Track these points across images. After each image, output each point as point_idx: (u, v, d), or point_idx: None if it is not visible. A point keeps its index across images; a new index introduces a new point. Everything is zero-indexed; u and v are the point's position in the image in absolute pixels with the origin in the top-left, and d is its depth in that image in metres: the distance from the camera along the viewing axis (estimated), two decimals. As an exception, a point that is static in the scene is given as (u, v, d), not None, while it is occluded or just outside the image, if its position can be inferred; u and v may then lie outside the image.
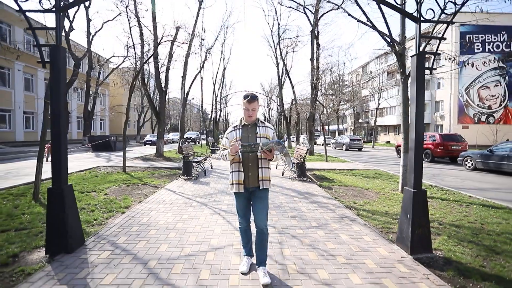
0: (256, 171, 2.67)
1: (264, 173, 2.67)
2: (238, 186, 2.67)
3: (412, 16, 3.25)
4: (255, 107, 2.67)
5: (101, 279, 2.60)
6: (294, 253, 3.26)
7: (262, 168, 2.67)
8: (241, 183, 2.67)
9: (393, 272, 2.85)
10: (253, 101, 2.65)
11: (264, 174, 2.67)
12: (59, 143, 3.15)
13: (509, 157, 10.23)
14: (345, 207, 5.39)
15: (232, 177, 2.72)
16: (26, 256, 3.09)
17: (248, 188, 2.70)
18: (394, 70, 41.73)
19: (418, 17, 3.23)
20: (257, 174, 2.66)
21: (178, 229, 3.97)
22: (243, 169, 2.68)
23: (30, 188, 6.41)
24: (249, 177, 2.67)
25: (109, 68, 30.58)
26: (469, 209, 5.46)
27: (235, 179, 2.69)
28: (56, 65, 3.06)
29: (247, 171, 2.68)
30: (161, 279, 2.63)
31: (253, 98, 2.65)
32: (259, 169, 2.67)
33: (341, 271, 2.86)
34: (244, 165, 2.68)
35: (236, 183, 2.68)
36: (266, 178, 2.68)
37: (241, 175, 2.67)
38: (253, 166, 2.67)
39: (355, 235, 3.88)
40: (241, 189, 2.67)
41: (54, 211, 3.08)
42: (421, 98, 3.28)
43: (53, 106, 3.11)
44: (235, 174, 2.69)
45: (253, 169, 2.67)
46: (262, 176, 2.66)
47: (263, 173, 2.66)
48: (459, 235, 3.99)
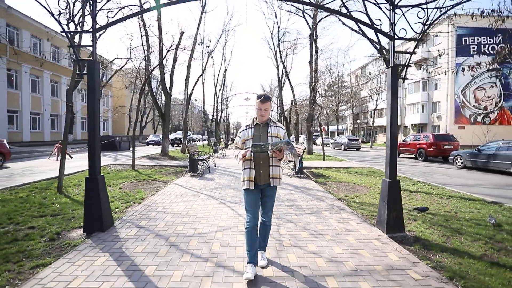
0: (267, 169, 2.77)
1: (275, 171, 2.78)
2: (249, 183, 2.76)
3: (387, 35, 3.90)
4: (268, 107, 2.77)
5: (133, 249, 3.25)
6: (289, 232, 3.90)
7: (273, 166, 2.78)
8: (252, 180, 2.76)
9: (369, 246, 3.49)
10: (266, 101, 2.75)
11: (275, 172, 2.78)
12: (94, 141, 3.80)
13: (495, 156, 10.86)
14: (336, 199, 6.03)
15: (244, 174, 2.81)
16: (66, 234, 3.74)
17: (259, 185, 2.79)
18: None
19: (392, 36, 3.88)
20: (268, 172, 2.77)
21: (190, 215, 4.62)
22: (255, 166, 2.77)
23: (51, 183, 7.05)
24: (260, 175, 2.77)
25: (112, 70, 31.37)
26: (448, 201, 6.08)
27: (247, 176, 2.78)
28: (92, 76, 3.71)
29: (258, 169, 2.77)
30: (181, 249, 3.27)
31: (266, 98, 2.75)
32: (269, 167, 2.77)
33: (327, 245, 3.50)
34: (256, 163, 2.77)
35: (248, 180, 2.77)
36: (277, 176, 2.79)
37: (252, 172, 2.76)
38: (264, 164, 2.77)
39: (342, 220, 4.52)
40: (251, 185, 2.76)
41: (91, 196, 3.73)
42: (395, 103, 3.93)
43: (90, 110, 3.76)
44: (247, 171, 2.78)
45: (264, 167, 2.77)
46: (272, 174, 2.77)
47: (274, 171, 2.78)
48: (433, 220, 4.63)
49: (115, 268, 2.80)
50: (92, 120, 3.79)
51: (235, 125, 69.79)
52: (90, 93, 3.75)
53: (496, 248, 3.52)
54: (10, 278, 2.61)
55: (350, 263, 3.01)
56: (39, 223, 4.08)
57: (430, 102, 34.47)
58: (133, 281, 2.58)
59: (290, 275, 2.73)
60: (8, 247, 3.27)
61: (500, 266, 3.03)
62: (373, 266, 2.97)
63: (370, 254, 3.25)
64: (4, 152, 11.08)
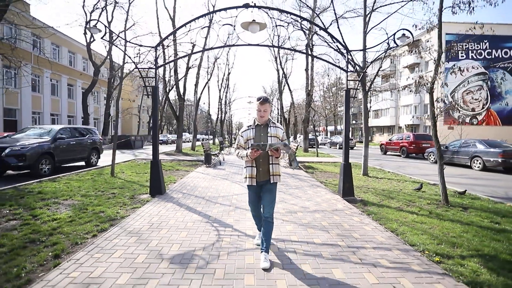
0: (267, 166, 2.94)
1: (275, 168, 2.95)
2: (251, 179, 2.95)
3: (343, 69, 6.03)
4: (267, 108, 2.91)
5: (184, 202, 5.41)
6: (279, 196, 6.02)
7: (273, 164, 2.95)
8: (254, 177, 2.94)
9: (327, 202, 5.63)
10: (265, 103, 2.89)
11: (275, 169, 2.95)
12: (156, 138, 5.97)
13: (458, 152, 12.95)
14: (317, 181, 8.17)
15: (246, 171, 3.00)
16: (138, 196, 5.89)
17: (259, 182, 2.98)
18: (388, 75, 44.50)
19: (346, 69, 6.01)
20: (268, 169, 2.95)
21: (213, 188, 6.78)
22: (256, 164, 2.95)
23: (100, 171, 9.20)
24: (260, 172, 2.95)
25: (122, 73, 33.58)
26: (402, 184, 8.18)
27: (248, 174, 2.97)
28: (155, 97, 5.88)
29: (259, 166, 2.94)
30: (213, 202, 5.43)
31: (265, 100, 2.90)
32: (270, 165, 2.94)
33: (302, 202, 5.63)
34: (256, 160, 2.94)
35: (249, 177, 2.96)
36: (276, 173, 2.96)
37: (254, 170, 2.94)
38: (264, 162, 2.94)
39: (316, 191, 6.67)
40: (253, 182, 2.95)
41: (154, 172, 5.89)
42: (348, 114, 6.07)
43: (154, 118, 5.92)
44: (248, 169, 2.97)
45: (264, 164, 2.94)
46: (272, 171, 2.94)
47: (274, 168, 2.95)
48: (379, 192, 6.75)
49: (178, 208, 4.97)
50: (154, 124, 5.96)
51: (238, 125, 72.06)
52: (154, 107, 5.91)
53: (407, 204, 5.64)
54: (119, 210, 4.76)
55: (312, 208, 5.16)
56: (115, 191, 6.24)
57: (422, 104, 36.52)
58: (192, 213, 4.74)
59: (277, 211, 4.88)
60: (110, 200, 5.43)
61: (402, 211, 5.14)
62: (325, 209, 5.11)
63: (326, 205, 5.39)
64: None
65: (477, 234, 3.96)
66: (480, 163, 11.74)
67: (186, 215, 4.59)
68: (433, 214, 4.97)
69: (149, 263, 2.89)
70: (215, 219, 4.46)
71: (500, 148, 11.33)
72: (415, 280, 2.66)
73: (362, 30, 9.50)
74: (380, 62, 10.04)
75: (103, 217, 4.38)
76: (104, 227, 3.96)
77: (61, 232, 3.74)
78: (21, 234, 3.63)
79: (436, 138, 5.90)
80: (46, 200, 5.32)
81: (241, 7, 5.76)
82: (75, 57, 31.57)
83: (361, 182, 8.21)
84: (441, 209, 5.33)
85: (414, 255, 3.23)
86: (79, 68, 32.04)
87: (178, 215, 4.60)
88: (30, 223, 4.03)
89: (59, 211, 4.70)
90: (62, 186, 6.61)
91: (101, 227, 3.96)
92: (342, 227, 4.14)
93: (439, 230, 4.09)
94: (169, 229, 3.92)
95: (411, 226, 4.24)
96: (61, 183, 6.91)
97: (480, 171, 11.67)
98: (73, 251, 3.19)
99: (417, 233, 3.94)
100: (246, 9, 5.74)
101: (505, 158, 10.81)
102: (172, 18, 16.62)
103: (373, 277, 2.70)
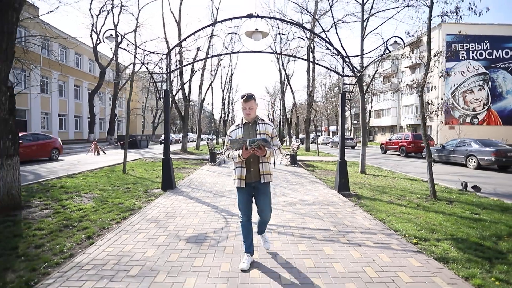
0: (257, 166, 2.81)
1: (265, 167, 2.82)
2: (240, 181, 2.81)
3: (339, 73, 6.54)
4: (252, 105, 2.79)
5: (194, 195, 5.95)
6: (280, 191, 6.56)
7: (263, 163, 2.82)
8: (243, 178, 2.80)
9: (324, 196, 6.14)
10: (249, 100, 2.77)
11: (265, 168, 2.82)
12: (167, 137, 6.51)
13: (454, 151, 13.40)
14: (316, 178, 8.69)
15: (235, 173, 2.86)
16: (151, 191, 6.44)
17: (250, 183, 2.83)
18: (390, 75, 44.87)
19: (342, 74, 6.52)
20: (258, 169, 2.81)
21: (219, 183, 7.33)
22: (246, 165, 2.81)
23: (112, 168, 9.78)
24: (251, 172, 2.82)
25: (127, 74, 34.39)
26: (396, 181, 8.67)
27: (237, 175, 2.83)
28: (167, 100, 6.42)
29: (249, 167, 2.82)
30: (220, 196, 5.97)
31: (248, 97, 2.78)
32: (259, 164, 2.81)
33: (301, 196, 6.15)
34: (246, 161, 2.81)
35: (238, 178, 2.81)
36: (267, 172, 2.83)
37: (243, 170, 2.80)
38: (254, 162, 2.82)
39: (315, 187, 7.18)
40: (242, 184, 2.80)
41: (165, 168, 6.44)
42: (344, 115, 6.57)
43: (165, 119, 6.47)
44: (238, 170, 2.83)
45: (254, 164, 2.82)
46: (263, 170, 2.81)
47: (264, 167, 2.82)
48: (373, 188, 7.24)
49: (189, 201, 5.51)
50: (167, 126, 6.52)
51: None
52: (166, 110, 6.46)
53: (398, 198, 6.13)
54: (136, 202, 5.30)
55: (310, 200, 5.68)
56: (130, 186, 6.80)
57: (423, 104, 36.80)
58: (202, 204, 5.28)
59: (278, 203, 5.40)
60: (126, 194, 5.99)
61: (392, 204, 5.64)
62: (322, 201, 5.63)
63: (323, 198, 5.91)
64: (58, 147, 13.91)
65: (456, 223, 4.46)
66: (475, 161, 12.18)
67: (196, 206, 5.13)
68: (420, 206, 5.46)
69: (169, 242, 3.43)
70: (222, 209, 5.00)
71: (494, 147, 11.77)
72: (392, 256, 3.17)
73: (360, 35, 10.00)
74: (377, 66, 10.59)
75: (123, 208, 4.93)
76: (125, 216, 4.50)
77: (89, 219, 4.29)
78: (55, 220, 4.19)
79: (424, 137, 6.39)
80: (69, 193, 5.89)
81: (246, 17, 6.29)
82: (82, 58, 32.30)
83: (358, 179, 8.70)
84: (428, 202, 5.82)
85: (395, 238, 3.75)
86: (85, 69, 32.78)
87: (189, 206, 5.14)
88: (60, 212, 4.59)
89: (83, 202, 5.26)
90: (80, 181, 7.18)
91: (123, 215, 4.51)
92: (336, 216, 4.66)
93: (422, 220, 4.59)
94: (183, 217, 4.46)
95: (398, 216, 4.74)
96: (78, 179, 7.49)
97: (475, 169, 12.11)
98: (103, 234, 3.74)
99: (402, 221, 4.44)
100: (250, 18, 6.26)
101: (497, 156, 11.24)
102: (178, 22, 17.19)
103: (357, 253, 3.22)
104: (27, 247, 3.24)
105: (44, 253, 3.12)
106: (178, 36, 17.01)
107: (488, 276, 2.76)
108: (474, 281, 2.64)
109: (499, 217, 4.77)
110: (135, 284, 2.48)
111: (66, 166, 10.84)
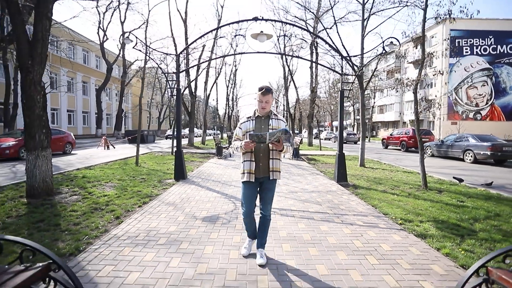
0: (267, 161, 2.75)
1: (275, 164, 2.76)
2: (249, 175, 2.74)
3: (338, 72, 7.02)
4: (269, 99, 2.71)
5: (204, 184, 6.52)
6: (283, 182, 7.11)
7: (273, 159, 2.75)
8: (252, 172, 2.73)
9: (324, 186, 6.68)
10: (267, 94, 2.69)
11: (275, 165, 2.76)
12: (179, 133, 7.08)
13: (452, 146, 13.81)
14: (317, 170, 9.22)
15: (244, 166, 2.79)
16: (165, 181, 7.03)
17: (258, 178, 2.77)
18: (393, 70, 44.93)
19: (341, 73, 7.01)
20: (268, 165, 2.75)
21: (227, 175, 7.89)
22: (255, 159, 2.75)
23: (125, 161, 10.39)
24: (259, 167, 2.75)
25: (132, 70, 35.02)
26: (393, 173, 9.16)
27: (247, 169, 2.76)
28: (178, 99, 6.97)
29: (258, 161, 2.75)
30: (228, 185, 6.54)
31: (267, 90, 2.70)
32: (270, 160, 2.75)
33: (302, 185, 6.69)
34: (256, 155, 2.74)
35: (247, 172, 2.75)
36: (277, 169, 2.77)
37: (253, 165, 2.74)
38: (264, 157, 2.75)
39: (315, 178, 7.72)
40: (252, 178, 2.74)
41: (177, 159, 7.02)
42: (342, 111, 7.06)
43: (177, 115, 7.02)
44: (247, 163, 2.76)
45: (264, 159, 2.75)
46: (272, 167, 2.75)
47: (274, 164, 2.75)
48: (370, 179, 7.75)
49: (200, 189, 6.08)
50: (178, 121, 7.08)
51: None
52: (177, 106, 7.01)
53: (392, 188, 6.64)
54: (153, 190, 5.89)
55: (310, 189, 6.22)
56: (144, 177, 7.39)
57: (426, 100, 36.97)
58: (212, 192, 5.85)
59: (281, 191, 5.94)
60: (142, 183, 6.58)
61: (386, 193, 6.16)
62: (321, 190, 6.17)
63: (322, 187, 6.45)
64: (71, 142, 14.57)
65: (440, 208, 4.97)
66: (472, 156, 12.60)
67: (208, 193, 5.71)
68: (411, 195, 5.98)
69: (188, 221, 4.01)
70: (231, 196, 5.57)
71: (490, 142, 12.17)
72: (378, 232, 3.71)
73: (361, 34, 10.42)
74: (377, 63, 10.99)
75: (142, 194, 5.52)
76: (145, 201, 5.09)
77: (114, 203, 4.88)
78: (85, 204, 4.78)
79: (418, 132, 6.87)
80: (91, 182, 6.50)
81: (251, 20, 6.78)
82: (89, 55, 32.91)
83: (357, 171, 9.21)
84: (419, 192, 6.33)
85: (383, 219, 4.28)
86: (92, 65, 33.43)
87: (201, 193, 5.72)
88: (88, 197, 5.19)
89: (106, 190, 5.86)
90: (98, 172, 7.80)
91: (143, 200, 5.10)
92: (332, 202, 5.20)
93: (411, 206, 5.11)
94: (197, 202, 5.04)
95: (389, 203, 5.26)
96: (96, 171, 8.10)
97: (472, 163, 12.53)
98: (128, 215, 4.32)
99: (392, 207, 4.97)
100: (255, 21, 6.75)
101: (493, 151, 11.65)
102: (184, 20, 17.67)
103: (348, 230, 3.77)
104: (67, 225, 3.84)
105: (83, 229, 3.70)
106: (185, 34, 17.52)
107: (457, 248, 3.29)
108: (443, 251, 3.17)
109: (481, 204, 5.27)
110: (164, 250, 3.05)
111: (80, 160, 11.49)
